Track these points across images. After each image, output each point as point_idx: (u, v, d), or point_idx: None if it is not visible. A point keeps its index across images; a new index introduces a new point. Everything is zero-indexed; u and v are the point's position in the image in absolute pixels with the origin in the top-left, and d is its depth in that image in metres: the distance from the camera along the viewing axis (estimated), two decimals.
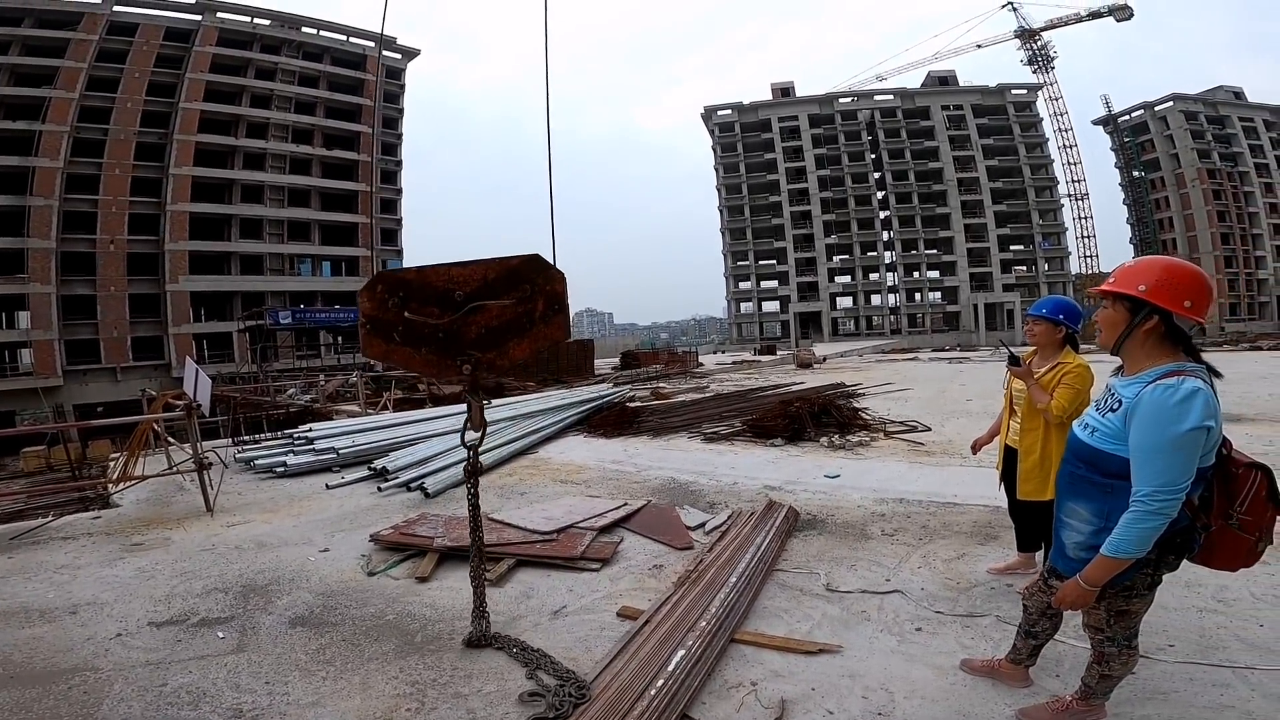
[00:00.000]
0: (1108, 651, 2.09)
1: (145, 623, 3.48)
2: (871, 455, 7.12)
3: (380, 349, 2.84)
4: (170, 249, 41.79)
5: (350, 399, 18.15)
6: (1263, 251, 66.43)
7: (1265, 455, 6.02)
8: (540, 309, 2.77)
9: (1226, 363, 19.12)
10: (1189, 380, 1.73)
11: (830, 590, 3.49)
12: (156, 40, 43.18)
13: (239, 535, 5.17)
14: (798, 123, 71.15)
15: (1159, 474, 1.71)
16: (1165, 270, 1.83)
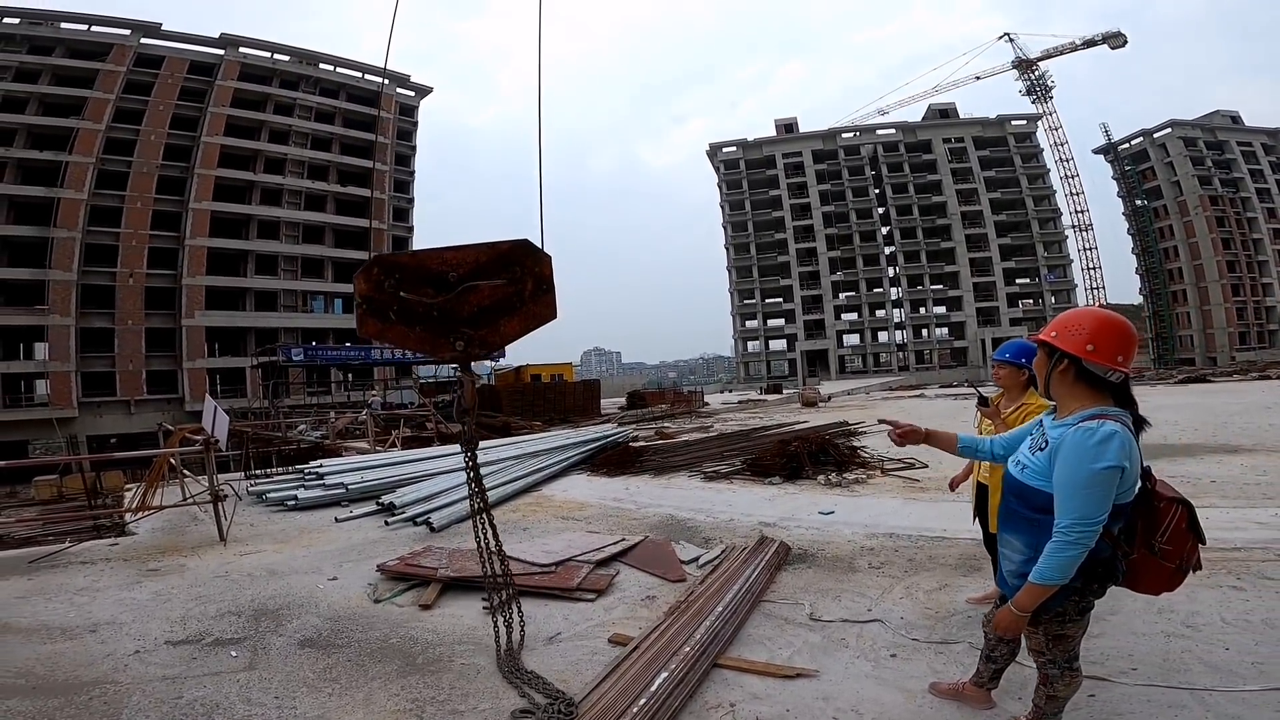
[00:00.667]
0: (1051, 674, 2.23)
1: (162, 641, 3.68)
2: (866, 492, 7.26)
3: (375, 328, 2.97)
4: (188, 283, 42.70)
5: (360, 436, 18.44)
6: (1269, 278, 65.79)
7: (1257, 485, 6.20)
8: (530, 289, 2.92)
9: (1234, 393, 19.23)
10: (1108, 424, 1.88)
11: (813, 620, 3.65)
12: (181, 73, 44.79)
13: (251, 563, 5.38)
14: (801, 158, 72.41)
15: (1077, 508, 1.87)
16: (1074, 318, 2.04)
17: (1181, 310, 68.95)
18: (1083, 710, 2.50)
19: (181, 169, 43.80)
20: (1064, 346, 2.00)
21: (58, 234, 38.57)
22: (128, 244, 41.27)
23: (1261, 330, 65.60)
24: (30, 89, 39.82)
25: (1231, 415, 12.46)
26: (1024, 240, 68.56)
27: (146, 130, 42.72)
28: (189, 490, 8.59)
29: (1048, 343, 2.05)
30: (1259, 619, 3.23)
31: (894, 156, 71.04)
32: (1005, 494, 2.19)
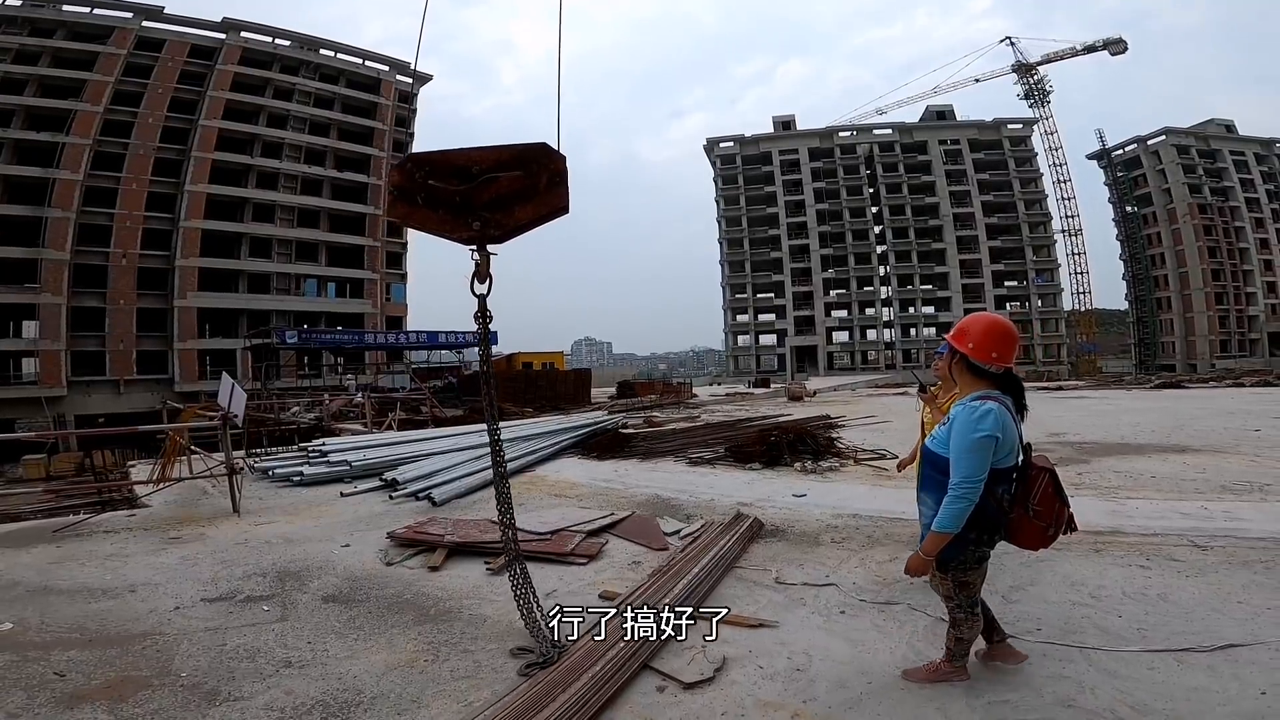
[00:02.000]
0: (958, 617, 2.68)
1: (198, 599, 4.13)
2: (838, 479, 7.79)
3: (403, 210, 3.31)
4: (181, 265, 42.76)
5: (354, 418, 18.82)
6: (1254, 288, 66.94)
7: (1193, 481, 6.78)
8: (545, 181, 3.19)
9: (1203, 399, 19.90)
10: (987, 403, 2.42)
11: (778, 583, 4.16)
12: (181, 57, 44.75)
13: (267, 533, 5.83)
14: (798, 156, 72.99)
15: (963, 469, 2.37)
16: (968, 323, 2.60)
17: (1166, 317, 70.22)
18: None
19: (178, 151, 43.81)
20: (955, 345, 2.57)
21: (52, 214, 38.56)
22: (122, 225, 41.31)
23: (1243, 339, 66.74)
24: (30, 70, 39.70)
25: (1192, 419, 13.09)
26: (1014, 243, 69.48)
27: (145, 113, 42.71)
28: (196, 466, 9.01)
29: (949, 342, 2.64)
30: (1155, 593, 3.71)
31: (890, 156, 71.74)
32: (923, 462, 2.69)
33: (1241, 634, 3.09)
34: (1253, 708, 2.44)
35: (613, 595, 3.92)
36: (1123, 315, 75.57)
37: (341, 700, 2.80)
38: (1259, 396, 20.49)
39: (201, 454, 9.19)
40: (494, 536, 5.06)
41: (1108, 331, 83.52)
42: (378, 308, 51.14)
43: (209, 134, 44.58)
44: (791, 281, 71.65)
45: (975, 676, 2.82)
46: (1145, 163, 71.04)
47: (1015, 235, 69.63)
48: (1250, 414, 13.64)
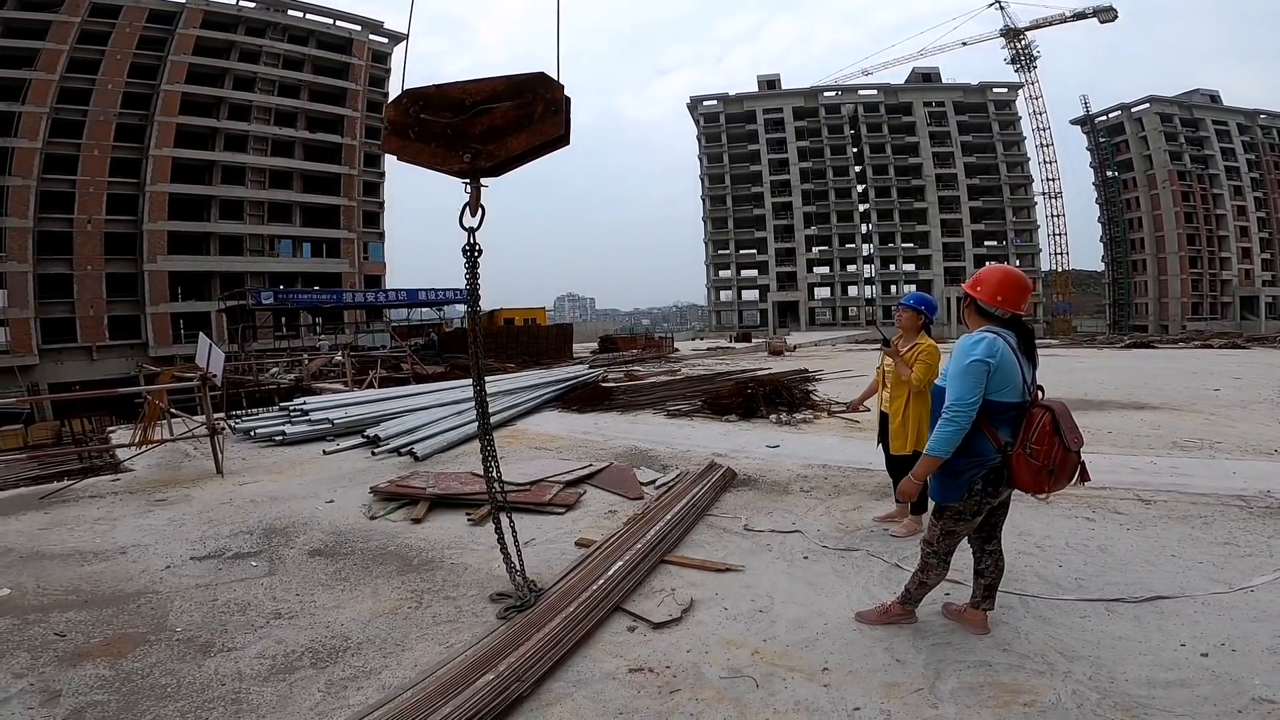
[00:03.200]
0: (930, 563, 2.76)
1: (188, 558, 4.24)
2: (812, 431, 8.04)
3: (396, 145, 3.28)
4: (149, 229, 41.69)
5: (334, 377, 18.78)
6: (1228, 253, 68.19)
7: (1147, 437, 7.06)
8: (540, 110, 3.11)
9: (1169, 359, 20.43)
10: (985, 334, 2.57)
11: (747, 530, 4.37)
12: (140, 22, 42.81)
13: (252, 492, 5.93)
14: (782, 115, 72.16)
15: (955, 392, 2.50)
16: (982, 273, 2.77)
17: (1140, 279, 71.39)
18: (938, 603, 3.14)
19: (141, 117, 42.29)
20: (968, 290, 2.75)
21: (12, 182, 37.30)
22: (85, 191, 40.08)
23: (1215, 302, 68.16)
24: None
25: (1156, 377, 13.49)
26: (995, 204, 69.83)
27: (104, 79, 40.99)
28: (177, 429, 9.04)
29: (967, 291, 2.79)
30: (1095, 545, 3.92)
31: (874, 117, 71.17)
32: (935, 401, 2.81)
33: (1171, 587, 3.28)
34: (1171, 658, 2.61)
35: (589, 542, 4.10)
36: (1099, 277, 76.74)
37: (330, 647, 2.96)
38: (1225, 358, 21.08)
39: (182, 416, 9.20)
40: (475, 489, 5.22)
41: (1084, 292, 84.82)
42: (355, 267, 50.44)
43: (172, 98, 43.03)
44: (774, 238, 71.58)
45: (924, 620, 3.01)
46: (1128, 129, 71.33)
47: (996, 197, 69.90)
48: (1213, 374, 14.06)
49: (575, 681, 2.60)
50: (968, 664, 2.62)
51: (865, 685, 2.51)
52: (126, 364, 38.13)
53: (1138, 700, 2.33)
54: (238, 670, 2.78)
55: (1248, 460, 6.01)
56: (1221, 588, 3.24)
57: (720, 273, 75.15)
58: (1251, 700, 2.30)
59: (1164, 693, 2.37)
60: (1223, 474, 5.45)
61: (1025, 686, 2.45)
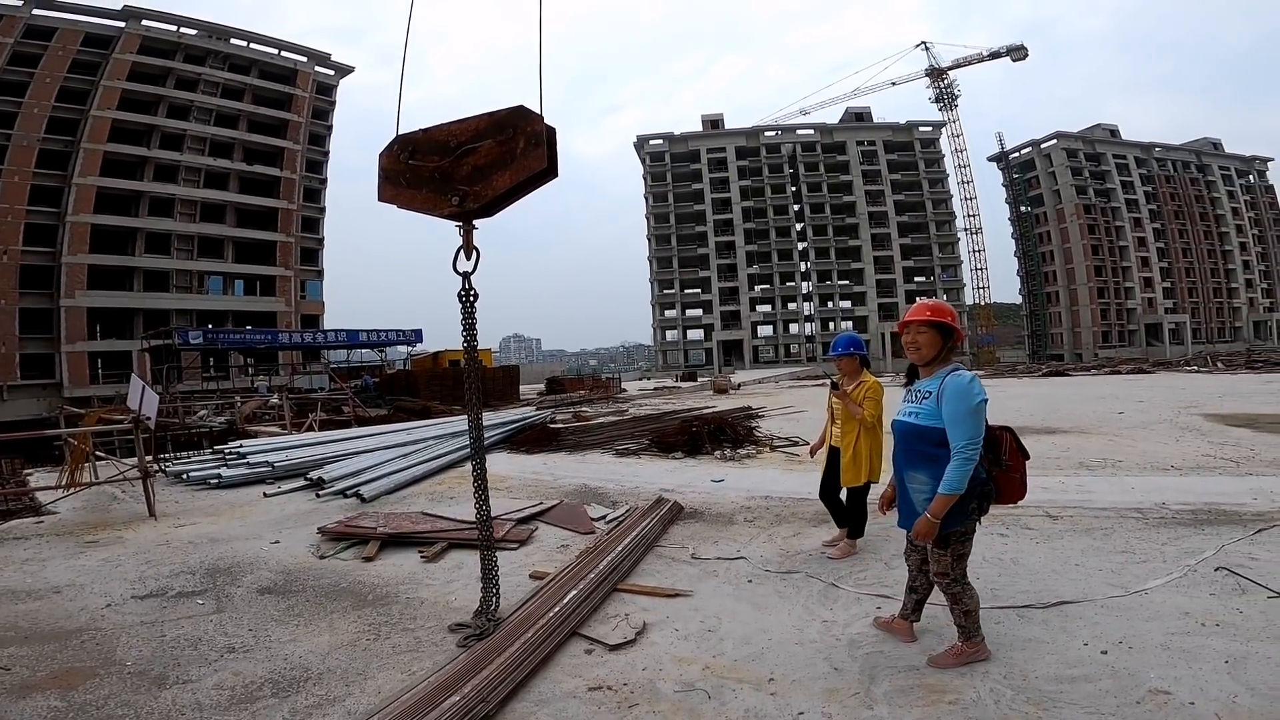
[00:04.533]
0: (955, 592, 2.78)
1: (129, 596, 4.15)
2: (755, 465, 8.34)
3: (390, 193, 3.33)
4: (68, 262, 39.61)
5: (269, 420, 18.17)
6: (1131, 283, 73.28)
7: (1056, 459, 7.65)
8: (521, 145, 3.12)
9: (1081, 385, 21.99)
10: (967, 372, 2.72)
11: (694, 558, 4.57)
12: (74, 46, 41.42)
13: (190, 534, 5.78)
14: (725, 154, 74.69)
15: (967, 432, 2.58)
16: (947, 309, 2.86)
17: (1055, 310, 76.13)
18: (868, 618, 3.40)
19: (66, 143, 40.50)
20: (938, 321, 2.80)
21: None
22: (2, 220, 37.87)
23: (1123, 330, 73.03)
24: None
25: (1068, 403, 14.49)
26: (922, 241, 73.48)
27: (30, 103, 39.30)
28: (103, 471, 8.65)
29: (947, 324, 2.80)
30: (1009, 558, 4.27)
31: (811, 156, 74.42)
32: (903, 441, 2.85)
33: (1074, 592, 3.62)
34: (1075, 656, 2.91)
35: (543, 575, 4.21)
36: (1018, 308, 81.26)
37: (290, 678, 2.99)
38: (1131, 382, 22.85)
39: (109, 459, 8.82)
40: (427, 527, 5.27)
41: (1005, 323, 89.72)
42: (292, 306, 48.72)
43: (101, 125, 41.43)
44: (718, 277, 73.30)
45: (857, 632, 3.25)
46: (1038, 165, 76.49)
47: (924, 233, 73.62)
48: (1119, 399, 15.19)
49: (538, 701, 2.72)
50: (898, 669, 2.86)
51: (808, 691, 2.72)
52: (38, 404, 35.73)
53: (1047, 695, 2.59)
54: (196, 701, 2.79)
55: (1146, 476, 6.59)
56: (1119, 592, 3.59)
57: (666, 312, 76.08)
58: (1148, 692, 2.57)
59: (1070, 687, 2.64)
60: (1123, 489, 5.98)
61: (949, 686, 2.69)
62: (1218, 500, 5.40)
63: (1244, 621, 3.12)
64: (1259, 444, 8.26)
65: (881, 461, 4.46)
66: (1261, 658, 2.76)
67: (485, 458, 3.70)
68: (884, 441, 4.49)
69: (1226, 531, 4.56)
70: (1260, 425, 9.96)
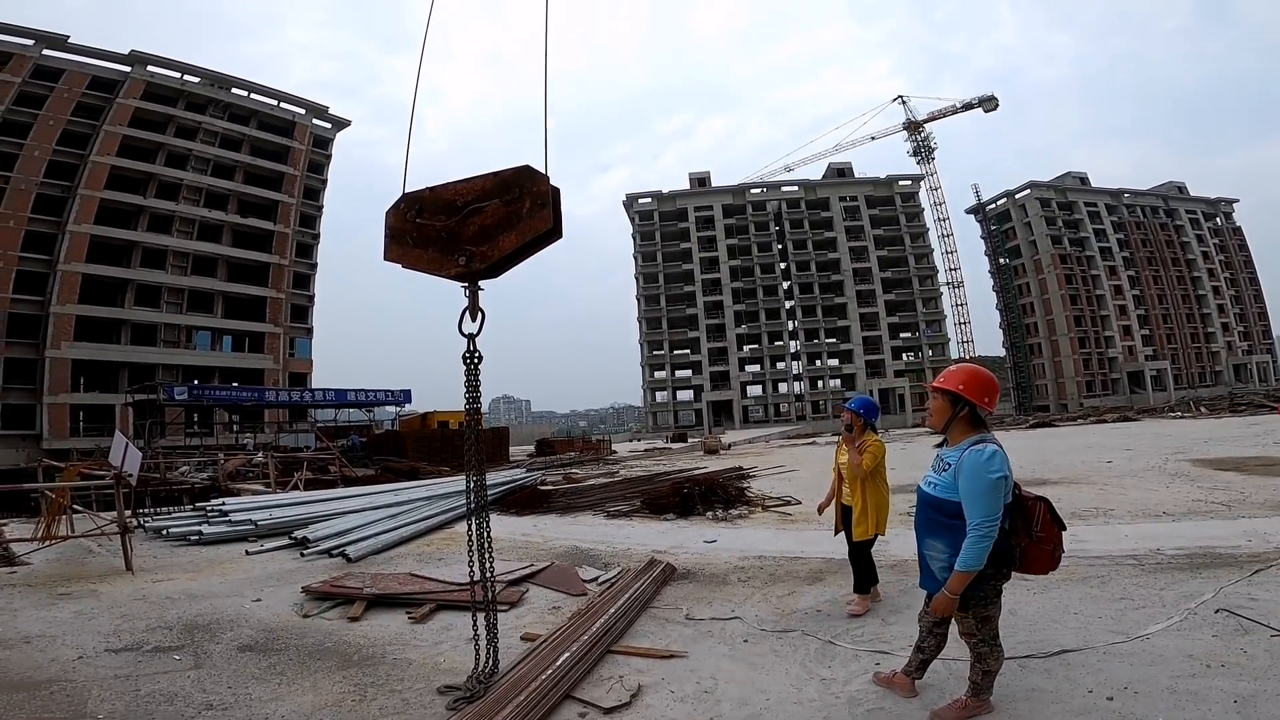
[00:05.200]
0: (982, 651, 2.74)
1: (102, 649, 4.02)
2: (747, 525, 8.28)
3: (397, 252, 3.28)
4: (56, 312, 39.25)
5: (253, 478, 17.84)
6: (1111, 331, 74.02)
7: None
8: (527, 206, 3.03)
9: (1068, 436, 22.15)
10: (990, 446, 2.59)
11: (688, 619, 4.48)
12: (80, 88, 41.99)
13: (167, 589, 5.62)
14: (712, 212, 76.28)
15: (983, 509, 2.50)
16: (973, 374, 2.74)
17: (1038, 361, 76.77)
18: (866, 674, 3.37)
19: (64, 188, 40.60)
20: (970, 397, 2.70)
21: None
22: None
23: (1105, 378, 73.47)
24: None
25: (1056, 454, 14.56)
26: (906, 296, 74.54)
27: (31, 145, 39.47)
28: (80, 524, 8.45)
29: (954, 393, 2.72)
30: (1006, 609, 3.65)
31: (796, 213, 76.07)
32: (923, 508, 2.81)
33: (1075, 640, 3.61)
34: (1080, 704, 2.88)
35: (534, 636, 4.12)
36: (1002, 361, 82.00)
37: None
38: (1117, 431, 23.13)
39: (86, 513, 8.63)
40: (415, 588, 5.16)
41: None
42: (280, 363, 48.02)
43: (100, 171, 41.59)
44: (707, 338, 73.84)
45: (856, 689, 3.20)
46: (1014, 216, 78.06)
47: (907, 289, 74.74)
48: (1106, 448, 15.29)
49: None
50: None
51: None
52: (16, 455, 34.84)
53: None
54: None
55: (1138, 524, 6.63)
56: (1120, 638, 3.57)
57: (655, 373, 76.12)
58: None
59: None
60: (1116, 538, 6.00)
61: None
62: (1212, 544, 5.45)
63: (1249, 661, 3.12)
64: (1248, 487, 8.37)
65: (887, 516, 4.55)
66: (1270, 695, 2.75)
67: (488, 515, 3.64)
68: (888, 499, 4.63)
69: (1224, 574, 4.58)
70: (1248, 468, 10.11)
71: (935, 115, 76.49)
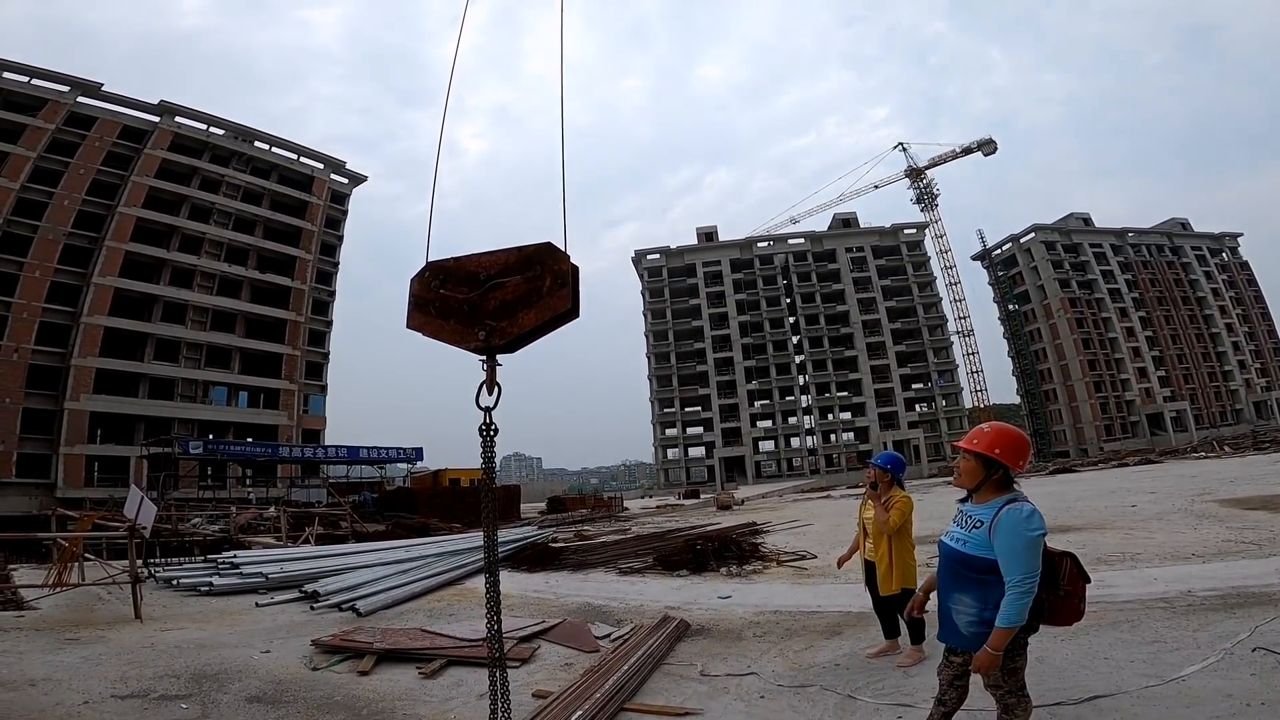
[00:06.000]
0: (1009, 702, 2.66)
1: (108, 695, 4.00)
2: (761, 580, 8.13)
3: (420, 320, 3.24)
4: (77, 364, 39.75)
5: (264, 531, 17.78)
6: (1126, 374, 72.23)
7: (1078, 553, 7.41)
8: (548, 284, 3.09)
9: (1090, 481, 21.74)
10: (1026, 504, 2.58)
11: (703, 675, 4.39)
12: (111, 137, 43.00)
13: (176, 638, 5.59)
14: (720, 267, 76.66)
15: (1023, 566, 2.47)
16: (1007, 436, 2.69)
17: (1054, 407, 75.14)
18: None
19: (91, 239, 41.30)
20: (1006, 461, 2.66)
21: None
22: (18, 316, 38.02)
23: (1124, 422, 71.37)
24: None
25: (1079, 500, 14.25)
26: (917, 346, 73.95)
27: (61, 194, 40.24)
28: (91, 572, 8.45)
29: (988, 456, 2.67)
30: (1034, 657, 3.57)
31: (803, 266, 76.31)
32: (949, 564, 2.75)
33: (1106, 685, 3.53)
34: None
35: (546, 694, 4.04)
36: (1015, 409, 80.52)
37: None
38: (1139, 474, 22.65)
39: (98, 561, 8.65)
40: (426, 644, 5.10)
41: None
42: (294, 420, 48.08)
43: (126, 222, 42.30)
44: (717, 394, 73.40)
45: None
46: (1020, 260, 77.58)
47: (917, 339, 74.19)
48: (1129, 491, 14.97)
49: None
50: None
51: None
52: (29, 502, 34.88)
53: None
54: None
55: (1167, 566, 6.49)
56: (1154, 681, 3.48)
57: (666, 430, 75.31)
58: None
59: None
60: (1145, 581, 5.85)
61: None
62: (1245, 583, 5.32)
63: None
64: (1278, 525, 8.14)
65: (915, 570, 4.50)
66: None
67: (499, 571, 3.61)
68: (914, 551, 4.60)
69: (1259, 613, 4.47)
70: (1277, 506, 9.89)
71: (936, 161, 76.75)
